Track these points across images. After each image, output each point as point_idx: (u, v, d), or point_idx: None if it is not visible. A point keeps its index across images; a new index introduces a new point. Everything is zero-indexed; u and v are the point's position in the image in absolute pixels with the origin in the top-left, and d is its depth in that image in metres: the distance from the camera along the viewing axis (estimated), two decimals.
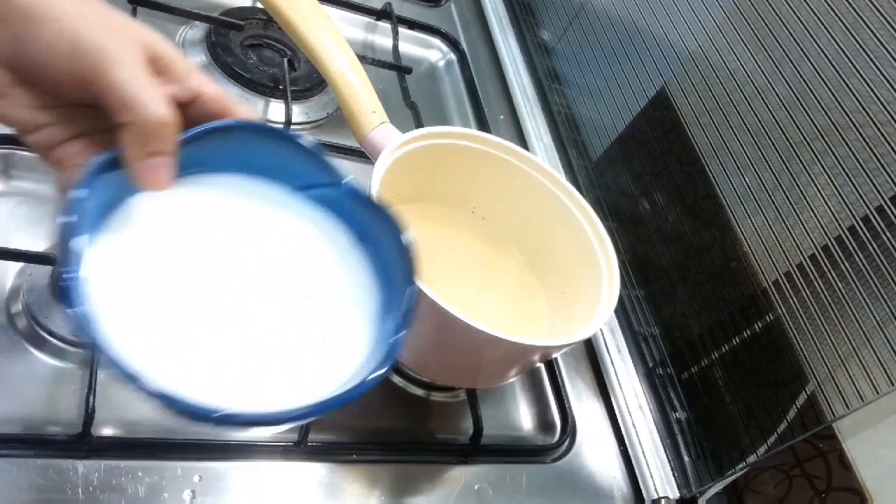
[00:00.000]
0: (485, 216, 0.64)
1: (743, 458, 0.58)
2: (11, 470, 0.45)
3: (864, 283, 0.51)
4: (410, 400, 0.60)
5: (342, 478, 0.53)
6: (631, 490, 0.63)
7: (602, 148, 0.78)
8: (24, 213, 0.56)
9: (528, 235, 0.63)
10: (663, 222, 0.69)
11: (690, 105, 0.67)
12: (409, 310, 0.33)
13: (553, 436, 0.63)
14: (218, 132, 0.32)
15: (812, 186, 0.55)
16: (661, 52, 0.71)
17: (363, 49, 0.85)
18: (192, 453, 0.50)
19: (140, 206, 0.32)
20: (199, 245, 0.32)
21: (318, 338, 0.33)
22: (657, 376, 0.68)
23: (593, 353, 0.70)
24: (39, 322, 0.50)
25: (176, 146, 0.31)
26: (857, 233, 0.51)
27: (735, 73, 0.62)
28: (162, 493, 0.47)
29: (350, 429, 0.56)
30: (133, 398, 0.50)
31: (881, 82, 0.51)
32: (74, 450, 0.47)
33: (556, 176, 0.60)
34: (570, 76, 0.85)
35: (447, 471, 0.57)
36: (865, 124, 0.51)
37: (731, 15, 0.63)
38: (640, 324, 0.71)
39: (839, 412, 0.52)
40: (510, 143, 0.60)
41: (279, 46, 0.77)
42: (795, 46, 0.57)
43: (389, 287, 0.35)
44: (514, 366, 0.55)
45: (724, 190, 0.63)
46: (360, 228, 0.35)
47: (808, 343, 0.54)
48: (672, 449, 0.65)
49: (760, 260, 0.59)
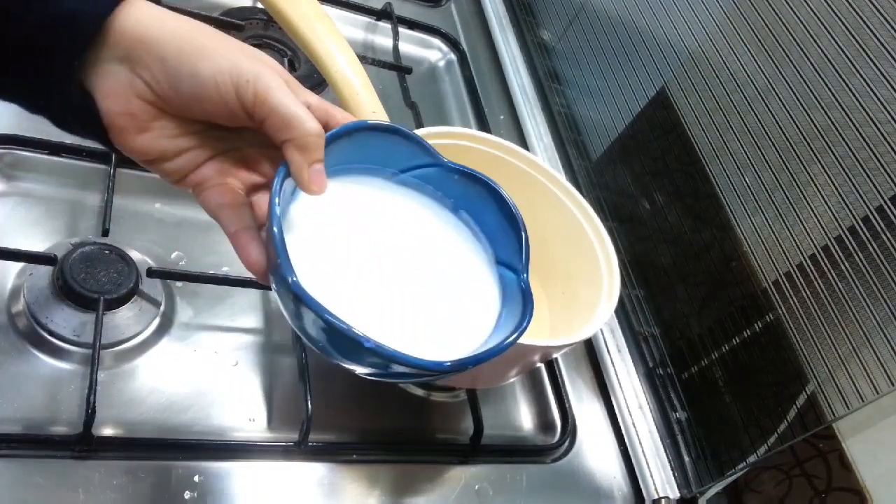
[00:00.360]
0: None
1: (743, 458, 0.58)
2: (12, 469, 0.45)
3: (864, 283, 0.51)
4: (411, 400, 0.60)
5: (342, 478, 0.53)
6: (631, 490, 0.63)
7: (602, 148, 0.78)
8: (24, 213, 0.56)
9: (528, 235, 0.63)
10: (663, 222, 0.69)
11: (690, 105, 0.67)
12: (528, 255, 0.39)
13: (553, 436, 0.63)
14: (343, 135, 0.36)
15: (812, 186, 0.55)
16: (661, 52, 0.71)
17: (363, 49, 0.85)
18: (192, 453, 0.50)
19: (303, 206, 0.37)
20: (356, 228, 0.38)
21: (461, 294, 0.39)
22: (657, 376, 0.68)
23: (593, 353, 0.70)
24: (40, 322, 0.50)
25: None
26: (857, 233, 0.51)
27: (735, 73, 0.62)
28: (163, 493, 0.47)
29: (350, 429, 0.56)
30: (134, 398, 0.51)
31: (881, 81, 0.51)
32: (75, 450, 0.47)
33: (557, 176, 0.60)
34: (570, 76, 0.85)
35: (447, 471, 0.57)
36: (865, 123, 0.51)
37: (730, 15, 0.63)
38: (640, 324, 0.71)
39: (839, 412, 0.52)
40: (510, 143, 0.60)
41: (280, 46, 0.77)
42: (795, 46, 0.57)
43: (496, 243, 0.40)
44: (514, 366, 0.55)
45: (723, 190, 0.63)
46: (459, 196, 0.41)
47: (808, 343, 0.54)
48: (672, 449, 0.65)
49: (760, 260, 0.59)
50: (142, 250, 0.57)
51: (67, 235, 0.56)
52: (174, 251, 0.59)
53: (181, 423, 0.51)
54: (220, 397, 0.53)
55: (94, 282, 0.52)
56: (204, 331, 0.56)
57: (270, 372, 0.56)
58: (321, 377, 0.55)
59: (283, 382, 0.56)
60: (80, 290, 0.51)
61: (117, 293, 0.52)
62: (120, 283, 0.53)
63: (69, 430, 0.47)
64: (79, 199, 0.59)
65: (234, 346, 0.56)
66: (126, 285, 0.53)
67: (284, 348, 0.57)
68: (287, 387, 0.55)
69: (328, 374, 0.57)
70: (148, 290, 0.55)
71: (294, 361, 0.55)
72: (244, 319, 0.58)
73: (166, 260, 0.58)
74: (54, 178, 0.59)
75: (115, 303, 0.52)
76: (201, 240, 0.61)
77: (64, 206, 0.58)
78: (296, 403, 0.53)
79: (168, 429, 0.51)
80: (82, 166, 0.60)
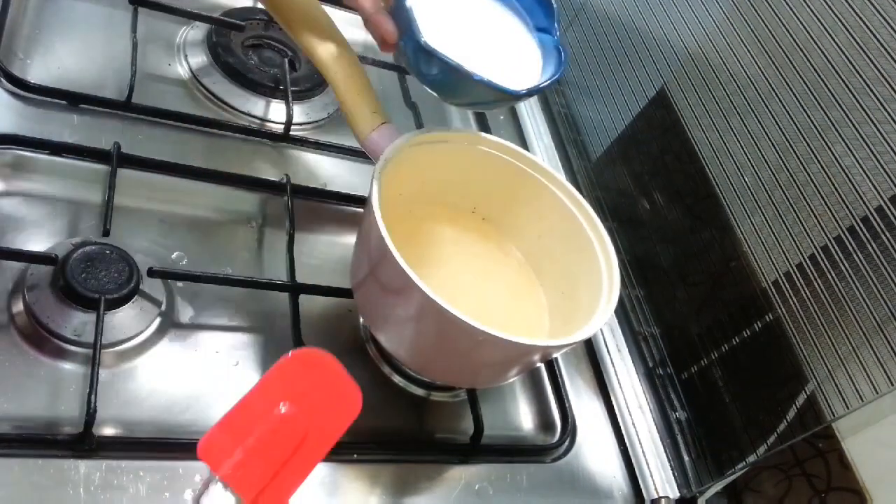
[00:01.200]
0: (485, 216, 0.64)
1: (743, 457, 0.58)
2: (13, 469, 0.45)
3: (863, 284, 0.51)
4: (411, 400, 0.60)
5: (343, 477, 0.53)
6: (631, 490, 0.63)
7: (602, 148, 0.78)
8: (24, 213, 0.56)
9: (528, 235, 0.63)
10: (663, 222, 0.69)
11: (690, 105, 0.67)
12: (559, 20, 0.55)
13: (553, 435, 0.63)
14: None
15: (811, 186, 0.55)
16: (660, 52, 0.71)
17: (364, 49, 0.85)
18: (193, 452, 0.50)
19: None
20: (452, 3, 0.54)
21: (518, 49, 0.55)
22: (657, 376, 0.68)
23: (593, 352, 0.70)
24: (41, 322, 0.50)
25: None
26: (856, 233, 0.51)
27: (735, 73, 0.62)
28: (163, 493, 0.47)
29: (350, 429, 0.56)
30: (134, 397, 0.51)
31: (879, 81, 0.51)
32: (76, 449, 0.47)
33: (557, 176, 0.60)
34: (570, 76, 0.85)
35: (447, 470, 0.57)
36: (864, 122, 0.51)
37: (730, 15, 0.63)
38: (639, 324, 0.71)
39: (839, 412, 0.52)
40: (510, 143, 0.61)
41: (280, 47, 0.77)
42: (795, 46, 0.57)
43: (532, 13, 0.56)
44: (514, 366, 0.55)
45: (723, 190, 0.63)
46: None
47: (807, 343, 0.54)
48: (672, 449, 0.65)
49: (760, 260, 0.59)
50: (142, 250, 0.57)
51: (68, 235, 0.56)
52: (175, 251, 0.59)
53: (182, 422, 0.51)
54: (220, 397, 0.53)
55: (95, 282, 0.52)
56: (205, 331, 0.56)
57: None
58: None
59: None
60: (81, 290, 0.51)
61: (118, 293, 0.52)
62: (121, 283, 0.53)
63: (70, 430, 0.47)
64: (79, 198, 0.59)
65: (235, 346, 0.56)
66: (127, 285, 0.53)
67: (285, 348, 0.57)
68: None
69: None
70: (149, 289, 0.55)
71: None
72: (245, 319, 0.58)
73: (167, 260, 0.58)
74: (55, 178, 0.59)
75: (115, 303, 0.52)
76: (202, 240, 0.61)
77: (64, 206, 0.58)
78: None
79: (169, 428, 0.51)
80: (83, 166, 0.60)
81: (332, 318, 0.62)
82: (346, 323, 0.62)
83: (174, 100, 0.70)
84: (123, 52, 0.68)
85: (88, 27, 0.71)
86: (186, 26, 0.75)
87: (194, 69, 0.72)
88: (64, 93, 0.63)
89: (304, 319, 0.57)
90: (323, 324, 0.61)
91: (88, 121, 0.63)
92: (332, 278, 0.61)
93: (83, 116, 0.64)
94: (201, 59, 0.73)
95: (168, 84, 0.71)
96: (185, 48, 0.74)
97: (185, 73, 0.72)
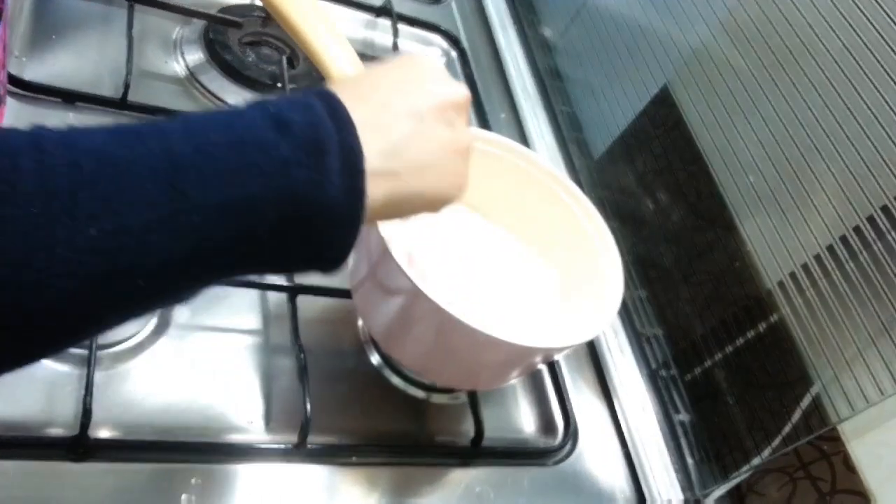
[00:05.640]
0: (486, 215, 0.64)
1: (747, 460, 0.58)
2: (8, 472, 0.44)
3: (869, 284, 0.50)
4: (411, 402, 0.60)
5: (342, 480, 0.53)
6: (634, 493, 0.62)
7: (604, 147, 0.78)
8: None
9: (530, 235, 0.62)
10: (666, 222, 0.69)
11: (693, 103, 0.66)
12: None
13: (555, 438, 0.63)
14: None
15: (816, 185, 0.55)
16: (663, 49, 0.70)
17: (363, 47, 0.84)
18: (189, 455, 0.49)
19: None
20: None
21: None
22: (660, 378, 0.68)
23: (595, 354, 0.70)
24: None
25: None
26: (861, 233, 0.51)
27: (739, 71, 0.62)
28: (160, 496, 0.47)
29: (350, 431, 0.56)
30: (130, 399, 0.50)
31: (886, 80, 0.50)
32: (71, 452, 0.46)
33: (559, 175, 0.60)
34: (572, 74, 0.85)
35: (448, 473, 0.57)
36: (870, 122, 0.51)
37: (734, 12, 0.63)
38: (642, 325, 0.71)
39: (844, 414, 0.51)
40: (512, 142, 0.60)
41: (278, 44, 0.77)
42: (799, 44, 0.57)
43: None
44: (515, 367, 0.55)
45: (727, 189, 0.62)
46: None
47: (812, 345, 0.54)
48: (675, 451, 0.64)
49: (764, 260, 0.58)
50: None
51: None
52: None
53: (178, 424, 0.51)
54: (217, 399, 0.53)
55: None
56: (202, 332, 0.56)
57: (269, 373, 0.55)
58: (320, 379, 0.55)
59: (282, 384, 0.55)
60: None
61: None
62: None
63: (65, 433, 0.47)
64: None
65: (233, 347, 0.56)
66: None
67: (283, 349, 0.57)
68: (286, 388, 0.55)
69: (327, 375, 0.57)
70: None
71: (293, 363, 0.54)
72: (242, 320, 0.57)
73: None
74: None
75: None
76: None
77: None
78: (294, 405, 0.52)
79: (165, 430, 0.50)
80: None
81: (331, 320, 0.61)
82: (345, 324, 0.62)
83: (171, 97, 0.69)
84: (119, 49, 0.68)
85: (85, 25, 0.70)
86: (183, 23, 0.75)
87: (191, 66, 0.72)
88: (60, 91, 0.62)
89: (303, 320, 0.57)
90: (322, 325, 0.60)
91: (85, 119, 0.63)
92: (331, 279, 0.60)
93: (79, 114, 0.63)
94: (198, 57, 0.73)
95: (165, 82, 0.70)
96: (181, 45, 0.73)
97: (181, 70, 0.72)
